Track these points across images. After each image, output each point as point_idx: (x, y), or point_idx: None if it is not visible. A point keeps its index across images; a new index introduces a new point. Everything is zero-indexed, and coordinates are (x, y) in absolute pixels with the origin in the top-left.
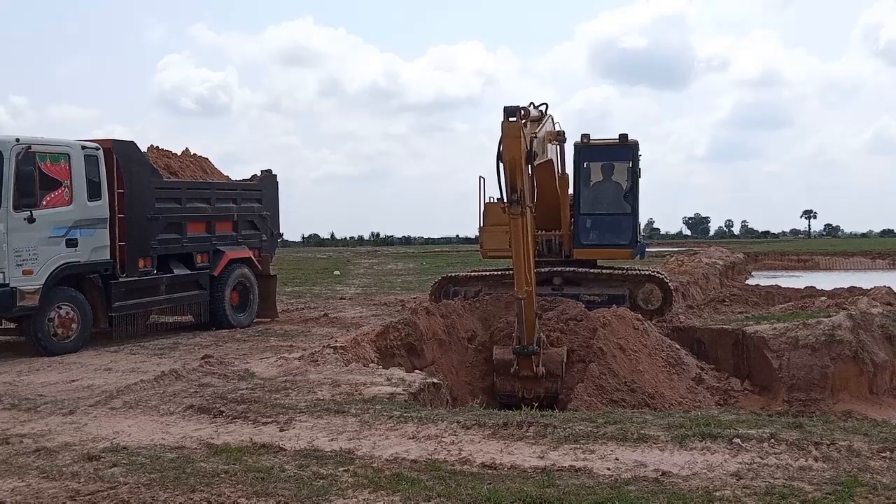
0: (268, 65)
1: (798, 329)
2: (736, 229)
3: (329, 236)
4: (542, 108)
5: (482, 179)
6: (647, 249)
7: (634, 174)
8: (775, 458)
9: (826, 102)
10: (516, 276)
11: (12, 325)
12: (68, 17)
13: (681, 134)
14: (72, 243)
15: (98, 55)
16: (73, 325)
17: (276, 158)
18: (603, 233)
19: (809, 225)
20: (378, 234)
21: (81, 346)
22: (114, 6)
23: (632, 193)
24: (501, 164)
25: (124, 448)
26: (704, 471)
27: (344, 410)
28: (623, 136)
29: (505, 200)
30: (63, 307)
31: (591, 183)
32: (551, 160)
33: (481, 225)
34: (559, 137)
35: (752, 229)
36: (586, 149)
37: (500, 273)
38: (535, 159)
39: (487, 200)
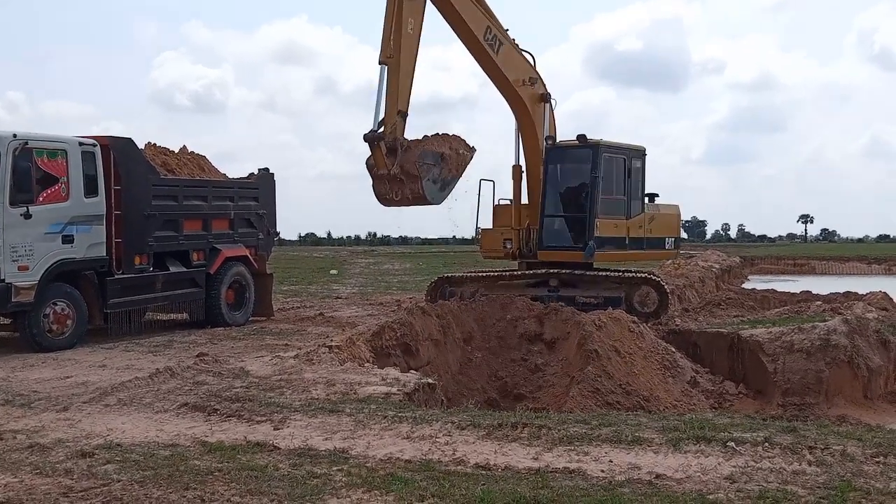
0: (263, 63)
1: (793, 333)
2: (733, 233)
3: (326, 235)
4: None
5: (481, 183)
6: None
7: (593, 176)
8: (769, 461)
9: (821, 107)
10: (383, 39)
11: (7, 321)
12: (64, 13)
13: (676, 137)
14: (68, 240)
15: (94, 52)
16: (68, 322)
17: (272, 156)
18: (562, 235)
19: (806, 229)
20: (375, 234)
21: (76, 343)
22: (109, 2)
23: (590, 195)
24: None
25: (118, 445)
26: (698, 474)
27: (338, 410)
28: (581, 137)
29: None
30: (58, 303)
31: (555, 185)
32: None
33: (477, 227)
34: (544, 97)
35: (748, 233)
36: (551, 150)
37: (496, 274)
38: None
39: (497, 203)
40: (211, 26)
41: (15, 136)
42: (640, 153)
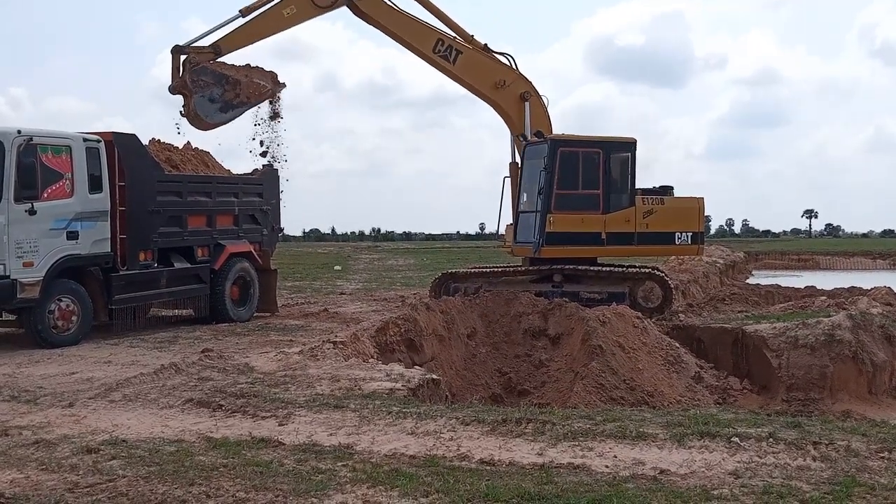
0: (263, 59)
1: (798, 328)
2: (737, 228)
3: (330, 231)
4: (508, 59)
5: (505, 181)
6: None
7: (547, 171)
8: (773, 457)
9: (824, 101)
10: None
11: (12, 317)
12: (66, 10)
13: (679, 132)
14: (73, 236)
15: (96, 48)
16: (74, 318)
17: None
18: (524, 230)
19: (810, 224)
20: (379, 230)
21: (81, 339)
22: (110, 0)
23: (544, 191)
24: None
25: (123, 441)
26: (703, 469)
27: (343, 405)
28: (539, 133)
29: None
30: (63, 299)
31: (526, 181)
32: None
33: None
34: (523, 96)
35: (752, 228)
36: (525, 146)
37: (500, 270)
38: None
39: None
40: (211, 23)
41: (19, 132)
42: (624, 146)
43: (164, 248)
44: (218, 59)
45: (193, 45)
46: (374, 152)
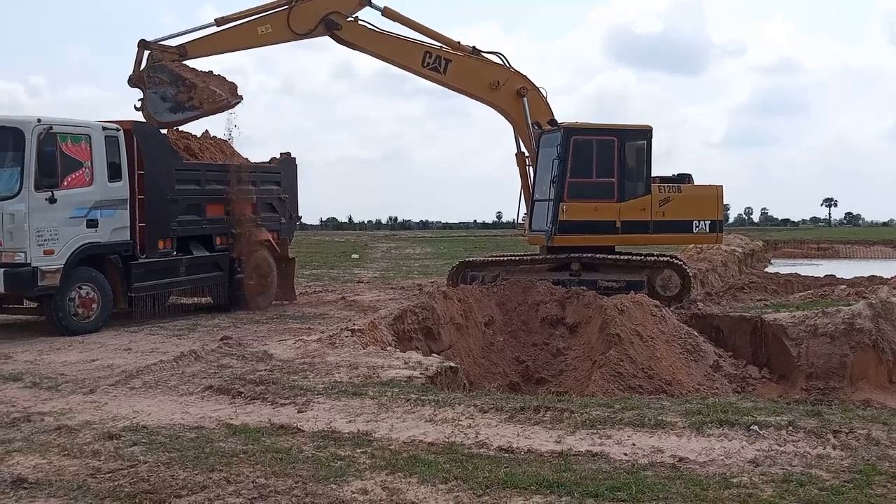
0: (280, 48)
1: (817, 317)
2: (755, 217)
3: (347, 220)
4: (500, 57)
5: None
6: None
7: (560, 160)
8: (793, 445)
9: (844, 89)
10: (238, 12)
11: (33, 305)
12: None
13: (697, 120)
14: (92, 224)
15: (115, 37)
16: (94, 306)
17: (292, 141)
18: (538, 218)
19: (830, 213)
20: (395, 219)
21: (101, 327)
22: None
23: (557, 180)
24: None
25: (144, 427)
26: (722, 457)
27: (361, 393)
28: (552, 122)
29: None
30: (83, 287)
31: (540, 169)
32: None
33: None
34: (520, 92)
35: (771, 217)
36: (540, 135)
37: (517, 258)
38: None
39: None
40: (224, 12)
41: (39, 121)
42: (640, 133)
43: (182, 236)
44: (182, 62)
45: (161, 42)
46: (390, 140)
